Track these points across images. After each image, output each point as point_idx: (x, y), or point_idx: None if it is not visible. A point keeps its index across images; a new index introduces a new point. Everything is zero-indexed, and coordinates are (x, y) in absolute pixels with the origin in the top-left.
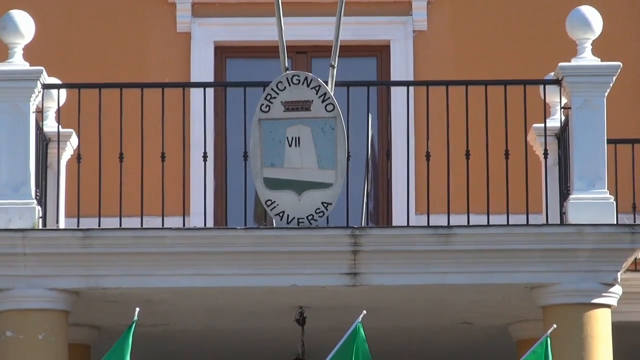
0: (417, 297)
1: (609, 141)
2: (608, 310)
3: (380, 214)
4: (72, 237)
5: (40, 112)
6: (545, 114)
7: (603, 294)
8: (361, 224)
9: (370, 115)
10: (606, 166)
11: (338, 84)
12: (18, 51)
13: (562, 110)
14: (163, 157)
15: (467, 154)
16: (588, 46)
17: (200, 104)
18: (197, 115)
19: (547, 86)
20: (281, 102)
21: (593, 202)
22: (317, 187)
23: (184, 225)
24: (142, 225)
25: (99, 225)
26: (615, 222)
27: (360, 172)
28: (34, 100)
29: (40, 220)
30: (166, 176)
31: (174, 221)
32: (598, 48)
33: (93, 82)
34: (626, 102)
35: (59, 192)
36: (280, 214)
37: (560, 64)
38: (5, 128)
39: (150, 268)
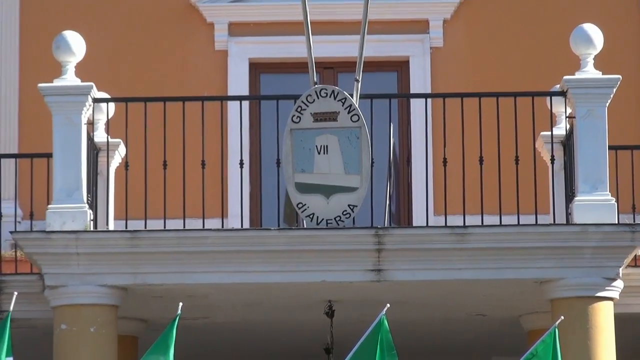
0: (435, 291)
1: (611, 147)
2: (611, 303)
3: (402, 215)
4: (120, 238)
5: (91, 123)
6: (552, 122)
7: (606, 288)
8: (384, 225)
9: (391, 125)
10: (608, 170)
11: (362, 97)
12: (70, 68)
13: (567, 119)
14: (203, 164)
15: (481, 160)
16: (590, 60)
17: (237, 115)
18: (233, 125)
19: (553, 97)
20: (311, 113)
21: (596, 204)
22: (343, 191)
23: (222, 226)
24: (184, 226)
25: (145, 227)
26: (616, 222)
27: (383, 177)
28: (85, 113)
29: (92, 222)
30: (206, 181)
31: (213, 223)
32: (600, 61)
33: (139, 96)
34: (626, 111)
35: (109, 197)
36: (311, 216)
37: (565, 77)
38: (59, 139)
39: (192, 266)
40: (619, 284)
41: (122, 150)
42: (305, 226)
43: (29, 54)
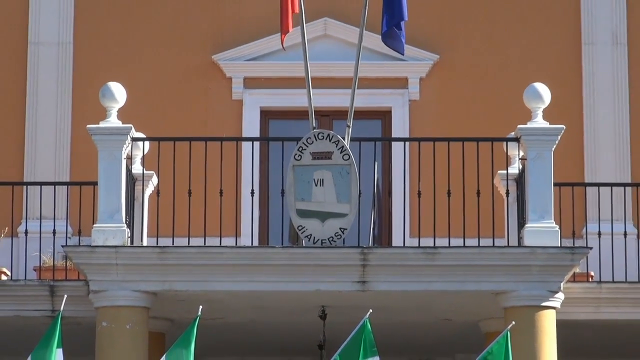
0: (410, 299)
1: (555, 184)
2: (553, 311)
3: (383, 237)
4: (152, 252)
5: (129, 158)
6: (507, 163)
7: (550, 299)
8: (369, 245)
9: (376, 163)
10: (552, 203)
11: (352, 140)
12: (114, 112)
13: (520, 160)
14: (221, 192)
15: (449, 192)
16: (540, 113)
17: (249, 153)
18: (246, 161)
19: (509, 142)
20: (310, 152)
21: (543, 230)
22: (335, 217)
23: (236, 243)
24: (204, 243)
25: (173, 243)
26: (559, 245)
27: (368, 205)
28: (125, 149)
29: (129, 239)
30: (223, 207)
31: (228, 240)
32: (547, 113)
33: (169, 136)
34: (568, 153)
35: (143, 218)
36: (309, 236)
37: (519, 126)
38: (103, 170)
39: (210, 276)
40: (560, 296)
41: (154, 180)
42: (304, 244)
43: (80, 98)
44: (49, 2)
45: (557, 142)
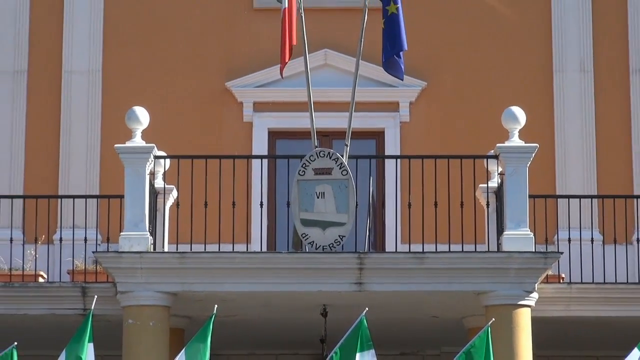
0: (401, 299)
1: (530, 196)
2: (528, 309)
3: (378, 243)
4: (172, 257)
5: (152, 174)
6: (487, 177)
7: (525, 298)
8: (365, 250)
9: (371, 177)
10: (527, 213)
11: (350, 157)
12: (138, 133)
13: (499, 175)
14: (233, 204)
15: (435, 204)
16: (516, 133)
17: (259, 169)
18: (256, 176)
19: (489, 159)
20: (312, 168)
21: (519, 237)
22: (335, 225)
23: (247, 249)
24: (219, 249)
25: (191, 249)
26: (534, 250)
27: (364, 215)
28: (148, 166)
29: (152, 245)
30: (235, 217)
31: (240, 247)
32: (522, 133)
33: (187, 154)
34: (541, 169)
35: (164, 227)
36: (311, 243)
37: (498, 144)
38: (129, 185)
39: (224, 278)
40: (534, 295)
41: (174, 193)
42: (307, 250)
43: (108, 120)
44: (80, 35)
45: (531, 158)
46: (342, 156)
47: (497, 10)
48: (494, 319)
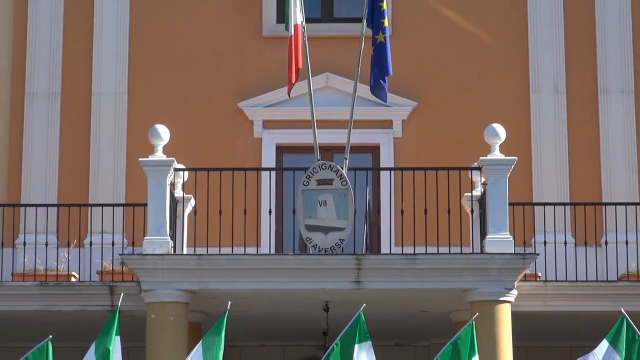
0: (395, 296)
1: (510, 204)
2: (509, 305)
3: (374, 246)
4: (190, 259)
5: (172, 184)
6: (472, 187)
7: (506, 295)
8: (362, 252)
9: (368, 187)
10: (507, 218)
11: (349, 169)
12: (160, 148)
13: (482, 185)
14: (245, 211)
15: (425, 211)
16: (497, 147)
17: (267, 180)
18: (265, 187)
19: (473, 171)
20: (315, 180)
21: (500, 240)
22: (336, 230)
23: (257, 252)
24: (232, 251)
25: (207, 252)
26: (513, 252)
27: (361, 221)
28: (169, 177)
29: (172, 248)
30: (246, 222)
31: (251, 249)
32: (503, 147)
33: (204, 167)
34: (519, 179)
35: (183, 232)
36: (315, 246)
37: (481, 157)
38: (152, 194)
39: (237, 277)
40: (514, 292)
41: (192, 202)
42: (311, 252)
43: (133, 137)
44: (108, 60)
45: (510, 170)
46: (342, 168)
47: (480, 37)
48: (477, 314)
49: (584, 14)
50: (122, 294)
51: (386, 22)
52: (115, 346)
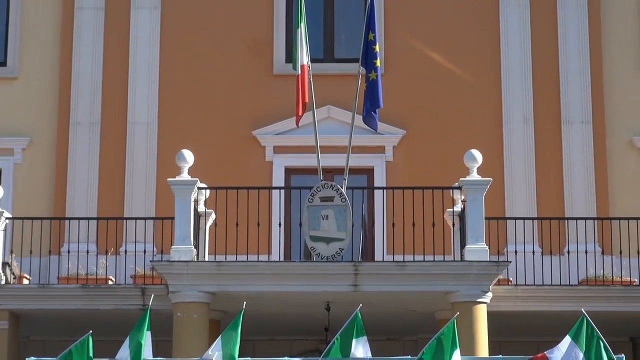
0: (387, 297)
1: (486, 218)
2: (485, 305)
3: (369, 254)
4: (211, 265)
5: (196, 201)
6: (453, 204)
7: (482, 297)
8: (359, 260)
9: (364, 204)
10: (484, 231)
11: (348, 188)
12: (185, 170)
13: (462, 202)
14: (258, 224)
15: (413, 224)
16: (475, 170)
17: (277, 198)
18: (275, 203)
19: (454, 190)
20: (319, 197)
21: (477, 250)
22: (336, 240)
23: (268, 259)
24: (247, 259)
25: (225, 259)
26: (488, 260)
27: (358, 233)
28: (193, 195)
29: (196, 256)
30: (259, 234)
31: (263, 257)
32: (480, 169)
33: (223, 186)
34: (494, 196)
35: (205, 242)
36: (318, 254)
37: (461, 179)
38: (178, 209)
39: (251, 281)
40: (489, 294)
41: (213, 216)
42: (314, 260)
43: (162, 160)
44: (141, 93)
45: (486, 189)
46: (342, 187)
47: (460, 75)
48: (458, 313)
49: (549, 56)
50: (152, 295)
51: (378, 62)
52: (147, 340)
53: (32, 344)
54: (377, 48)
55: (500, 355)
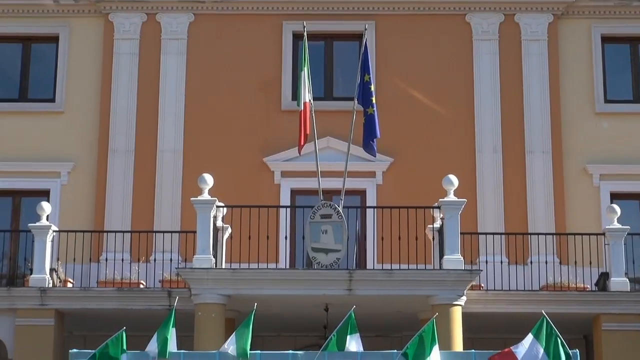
0: (377, 300)
1: (461, 233)
2: (460, 307)
3: (361, 263)
4: (227, 272)
5: (214, 217)
6: (433, 221)
7: (458, 300)
8: (353, 268)
9: (357, 221)
10: (459, 244)
11: (344, 207)
12: (206, 191)
13: (440, 219)
14: (267, 237)
15: (399, 238)
16: (452, 192)
17: (284, 215)
18: (282, 219)
19: (434, 209)
20: (319, 214)
21: (454, 260)
22: (334, 251)
23: (276, 267)
24: (258, 267)
25: (239, 266)
26: (463, 269)
27: (352, 245)
28: (212, 212)
29: (214, 264)
30: (269, 245)
31: (272, 265)
32: (457, 192)
33: (238, 204)
34: (468, 215)
35: (222, 252)
36: (318, 263)
37: (440, 199)
38: (200, 224)
39: (261, 285)
40: (464, 298)
41: (229, 230)
42: (315, 267)
43: (187, 182)
44: (168, 124)
45: (461, 209)
46: (339, 206)
47: (439, 111)
48: (437, 313)
49: (515, 96)
50: (177, 297)
51: (374, 100)
52: (172, 335)
53: (74, 338)
54: (373, 87)
55: (473, 350)
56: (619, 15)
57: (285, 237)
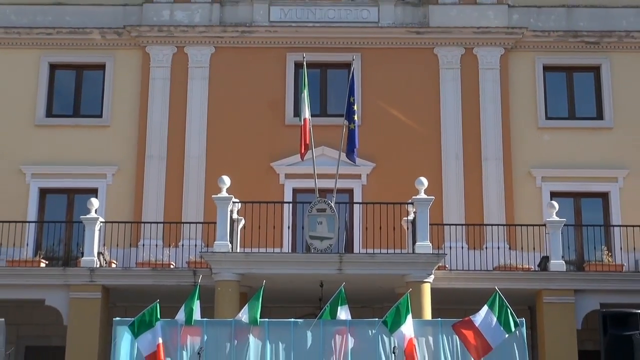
0: (362, 278)
1: (430, 224)
2: (429, 284)
3: (349, 248)
4: (242, 255)
5: (231, 211)
6: (408, 214)
7: (427, 278)
8: (343, 252)
9: (346, 214)
10: (428, 233)
11: (336, 203)
12: (224, 189)
13: (413, 213)
14: (274, 227)
15: (380, 227)
16: (422, 191)
17: (287, 209)
18: (286, 213)
19: (408, 205)
20: (316, 209)
21: (424, 245)
22: (328, 239)
23: (281, 251)
24: (266, 251)
25: (251, 251)
26: (432, 252)
27: (342, 233)
28: (229, 207)
29: (231, 249)
30: (275, 234)
31: (277, 250)
32: (427, 191)
33: (250, 200)
34: (435, 209)
35: (237, 239)
36: (315, 248)
37: (413, 197)
38: (219, 217)
39: (268, 266)
40: (432, 276)
41: (243, 221)
42: (312, 252)
43: (209, 182)
44: (194, 136)
45: (430, 204)
46: (331, 202)
47: (411, 125)
48: (411, 289)
49: (473, 113)
50: (201, 275)
51: (356, 117)
52: (197, 306)
53: (117, 309)
54: (355, 107)
55: (440, 318)
56: (557, 49)
57: (288, 227)
